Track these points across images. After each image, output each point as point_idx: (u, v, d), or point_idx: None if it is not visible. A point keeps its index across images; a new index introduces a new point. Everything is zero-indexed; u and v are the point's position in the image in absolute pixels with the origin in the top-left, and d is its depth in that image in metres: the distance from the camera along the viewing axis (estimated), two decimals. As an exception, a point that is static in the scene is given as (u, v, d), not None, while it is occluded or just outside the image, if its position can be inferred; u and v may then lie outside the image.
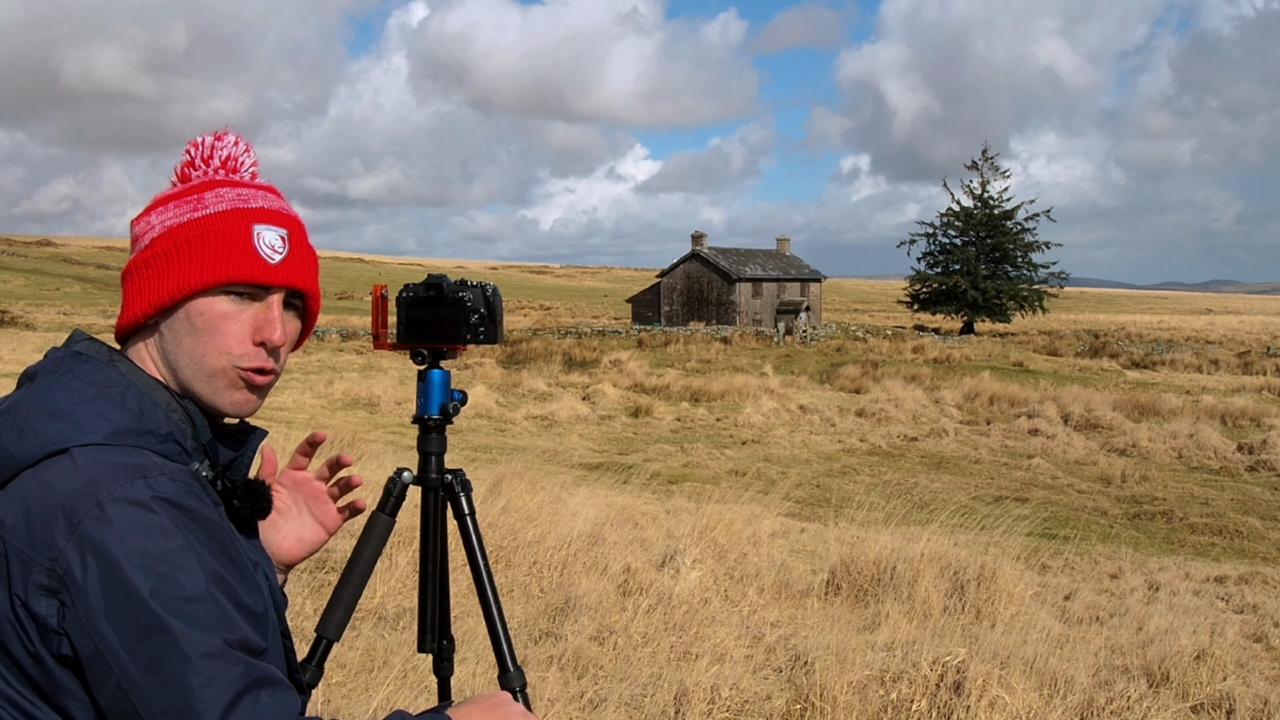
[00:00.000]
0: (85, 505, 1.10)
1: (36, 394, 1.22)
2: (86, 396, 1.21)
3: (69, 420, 1.19)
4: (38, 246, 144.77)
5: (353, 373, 28.72)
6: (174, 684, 1.07)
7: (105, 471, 1.14)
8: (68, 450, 1.16)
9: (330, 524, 1.63)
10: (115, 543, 1.09)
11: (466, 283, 1.79)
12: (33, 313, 52.83)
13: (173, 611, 1.08)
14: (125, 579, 1.08)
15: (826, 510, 13.49)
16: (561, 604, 5.42)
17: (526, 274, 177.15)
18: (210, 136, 1.37)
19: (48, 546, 1.10)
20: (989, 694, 4.25)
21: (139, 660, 1.07)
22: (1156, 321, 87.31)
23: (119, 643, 1.08)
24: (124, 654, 1.07)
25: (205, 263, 1.29)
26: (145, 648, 1.07)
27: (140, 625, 1.08)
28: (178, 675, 1.07)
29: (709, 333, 45.76)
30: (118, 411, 1.21)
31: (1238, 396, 28.37)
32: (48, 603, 1.09)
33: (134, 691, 1.07)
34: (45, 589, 1.09)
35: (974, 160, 65.80)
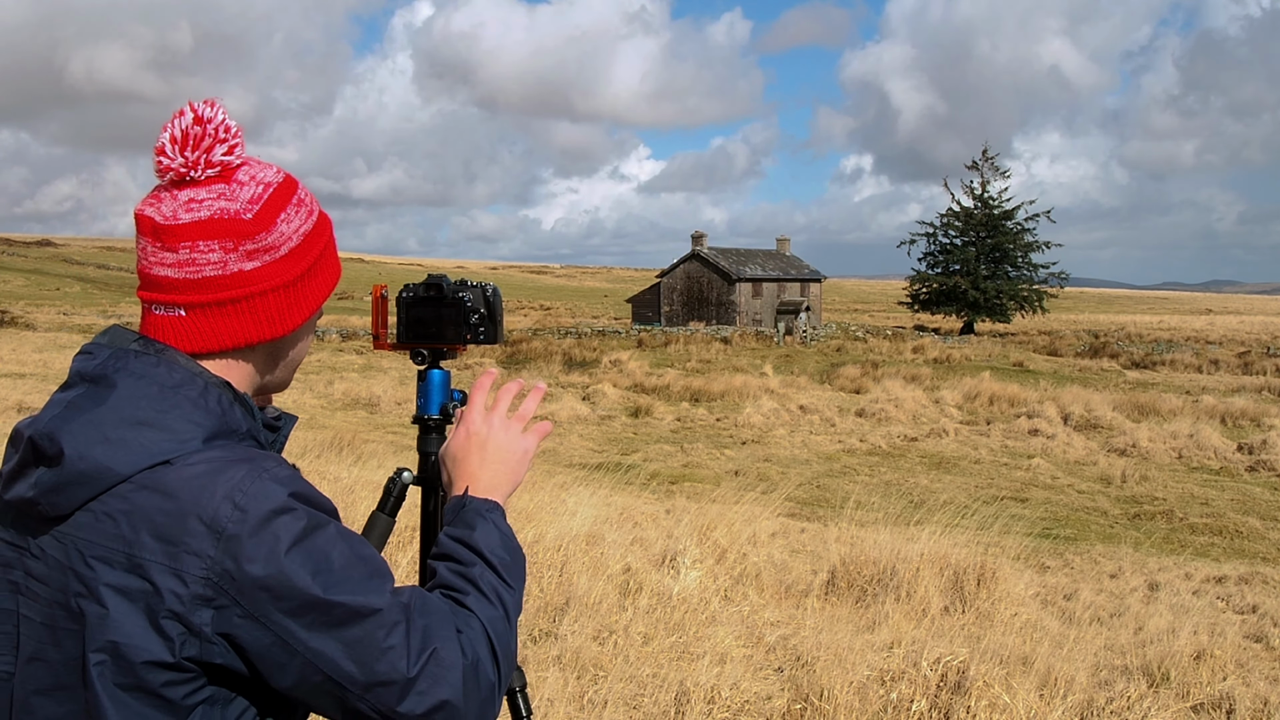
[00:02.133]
0: (224, 510, 1.12)
1: (116, 401, 1.18)
2: (170, 401, 1.19)
3: (162, 429, 1.17)
4: (38, 246, 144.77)
5: (353, 373, 28.73)
6: (359, 645, 1.14)
7: (226, 474, 1.15)
8: (170, 462, 1.15)
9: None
10: (266, 539, 1.12)
11: (467, 283, 1.79)
12: (33, 313, 52.83)
13: (335, 585, 1.14)
14: (284, 570, 1.12)
15: (826, 510, 13.49)
16: (561, 604, 5.42)
17: (527, 274, 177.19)
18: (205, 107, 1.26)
19: (196, 557, 1.11)
20: (989, 694, 4.25)
21: (319, 636, 1.13)
22: (1156, 321, 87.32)
23: (296, 626, 1.13)
24: (303, 634, 1.13)
25: (335, 267, 1.36)
26: (322, 624, 1.13)
27: (312, 606, 1.13)
28: (360, 636, 1.14)
29: (709, 333, 45.76)
30: (203, 415, 1.20)
31: (1238, 397, 28.37)
32: (203, 612, 1.12)
33: (323, 662, 1.14)
34: (201, 599, 1.11)
35: (974, 160, 65.83)
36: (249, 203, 1.24)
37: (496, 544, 1.36)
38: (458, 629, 1.22)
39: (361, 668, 1.14)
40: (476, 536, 1.35)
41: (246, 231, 1.24)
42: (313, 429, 16.01)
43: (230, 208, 1.23)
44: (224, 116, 1.25)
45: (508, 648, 1.28)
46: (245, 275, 1.25)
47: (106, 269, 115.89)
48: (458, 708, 1.18)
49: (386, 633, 1.15)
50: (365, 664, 1.14)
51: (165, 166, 1.23)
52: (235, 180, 1.25)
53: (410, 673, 1.15)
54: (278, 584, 1.12)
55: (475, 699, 1.20)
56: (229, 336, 1.26)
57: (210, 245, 1.23)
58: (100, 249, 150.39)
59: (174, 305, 1.24)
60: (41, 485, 1.16)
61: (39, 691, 1.16)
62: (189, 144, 1.23)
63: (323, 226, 1.35)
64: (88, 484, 1.14)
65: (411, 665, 1.15)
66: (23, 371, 24.54)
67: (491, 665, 1.23)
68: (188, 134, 1.23)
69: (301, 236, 1.30)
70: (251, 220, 1.24)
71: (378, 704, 1.15)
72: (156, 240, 1.23)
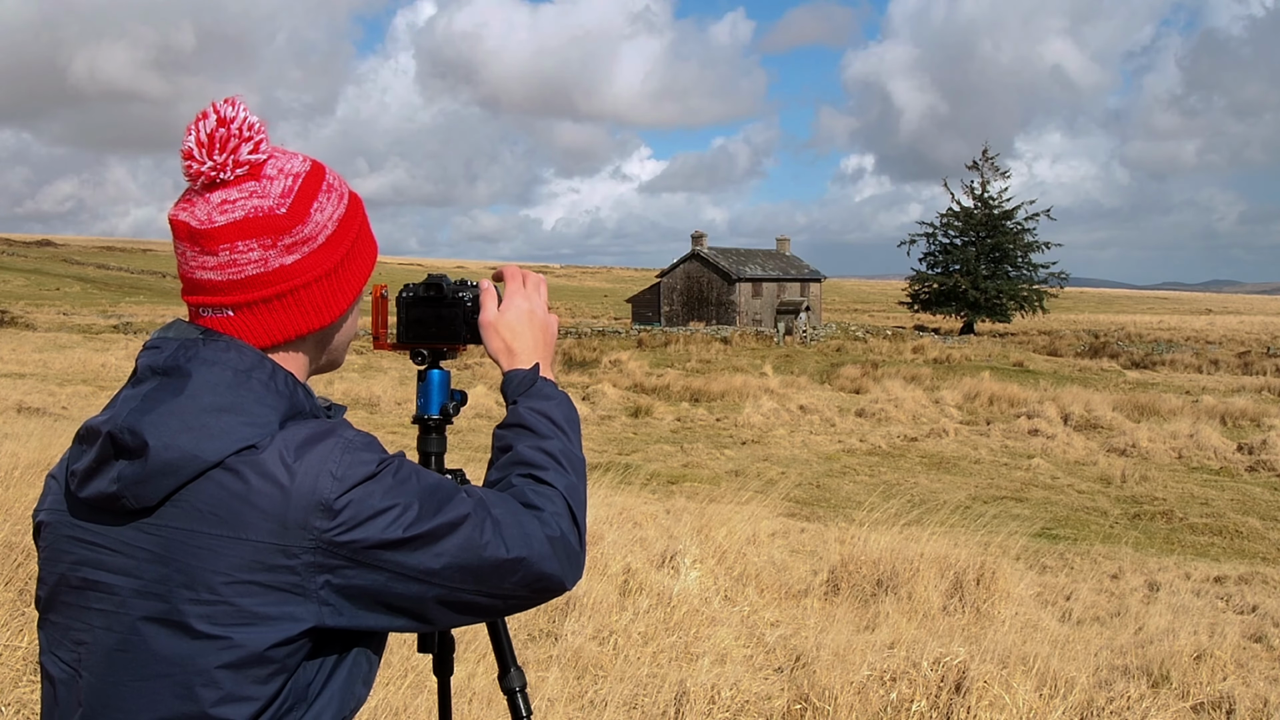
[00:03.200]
0: (325, 483, 1.17)
1: (194, 389, 1.19)
2: (246, 386, 1.22)
3: (243, 414, 1.19)
4: (38, 246, 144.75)
5: (352, 373, 28.73)
6: (462, 548, 1.24)
7: (316, 449, 1.20)
8: (256, 445, 1.18)
9: None
10: (365, 501, 1.19)
11: (467, 283, 1.79)
12: (33, 313, 52.82)
13: (428, 516, 1.22)
14: (391, 527, 1.19)
15: (826, 510, 13.49)
16: (561, 604, 5.42)
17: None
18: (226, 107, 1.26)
19: (305, 530, 1.16)
20: (989, 694, 4.25)
21: (427, 556, 1.22)
22: (1156, 321, 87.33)
23: (405, 557, 1.20)
24: (413, 561, 1.21)
25: (372, 248, 1.40)
26: (426, 546, 1.22)
27: (414, 539, 1.21)
28: (460, 541, 1.23)
29: (709, 333, 45.76)
30: (275, 398, 1.23)
31: (1238, 396, 28.37)
32: (317, 578, 1.17)
33: (435, 577, 1.22)
34: (314, 566, 1.17)
35: (974, 160, 65.83)
36: (281, 197, 1.26)
37: (574, 415, 1.50)
38: (539, 507, 1.33)
39: (469, 568, 1.24)
40: (554, 407, 1.47)
41: (283, 226, 1.25)
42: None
43: (264, 205, 1.24)
44: (246, 114, 1.26)
45: (583, 504, 1.41)
46: (287, 269, 1.26)
47: (107, 269, 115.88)
48: (556, 575, 1.31)
49: (479, 531, 1.25)
50: (472, 564, 1.24)
51: (195, 171, 1.24)
52: (264, 176, 1.26)
53: (511, 555, 1.26)
54: (383, 533, 1.19)
55: (568, 564, 1.33)
56: (279, 331, 1.28)
57: (249, 244, 1.24)
58: (100, 249, 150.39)
59: (221, 307, 1.26)
60: (125, 478, 1.16)
61: (133, 680, 1.17)
62: (215, 146, 1.23)
63: (355, 208, 1.36)
64: (175, 473, 1.16)
65: (511, 548, 1.26)
66: (23, 371, 24.54)
67: (574, 532, 1.36)
68: (214, 136, 1.23)
69: (336, 223, 1.31)
70: (286, 214, 1.25)
71: (490, 590, 1.26)
72: (195, 245, 1.24)
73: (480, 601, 1.27)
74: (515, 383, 1.51)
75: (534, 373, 1.52)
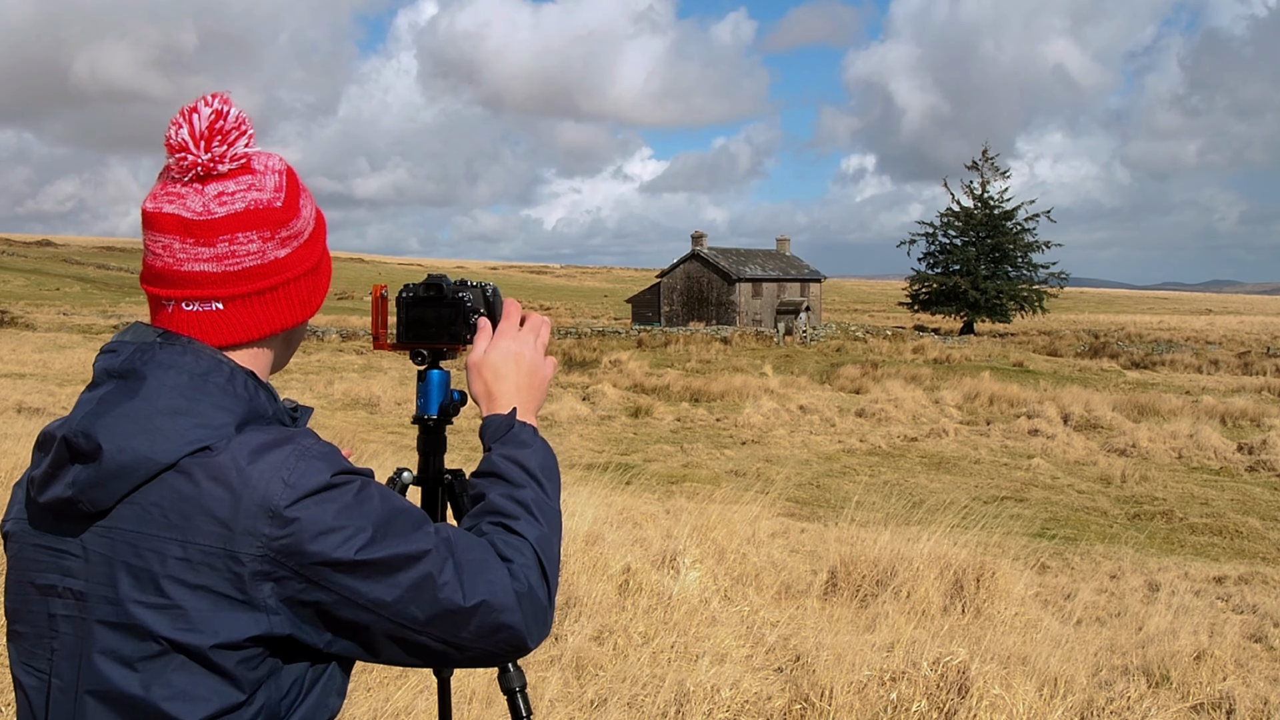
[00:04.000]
0: (275, 488, 1.16)
1: (148, 392, 1.19)
2: (201, 389, 1.20)
3: (196, 416, 1.18)
4: (38, 246, 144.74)
5: (352, 373, 28.72)
6: (417, 586, 1.19)
7: (271, 454, 1.18)
8: (211, 447, 1.17)
9: None
10: (317, 511, 1.16)
11: (466, 283, 1.79)
12: (33, 313, 52.81)
13: (385, 541, 1.18)
14: (337, 538, 1.16)
15: (826, 510, 13.49)
16: (561, 604, 5.43)
17: (526, 274, 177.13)
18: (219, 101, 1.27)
19: (251, 536, 1.14)
20: (989, 694, 4.25)
21: (378, 586, 1.18)
22: (1156, 322, 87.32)
23: (356, 583, 1.17)
24: (363, 588, 1.17)
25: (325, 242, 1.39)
26: (379, 575, 1.18)
27: (367, 564, 1.17)
28: (416, 578, 1.19)
29: (709, 333, 45.75)
30: (233, 400, 1.22)
31: (1238, 397, 28.37)
32: (264, 586, 1.15)
33: (385, 610, 1.18)
34: (260, 574, 1.15)
35: (974, 160, 65.83)
36: (275, 191, 1.27)
37: (551, 463, 1.43)
38: (508, 558, 1.27)
39: (421, 606, 1.19)
40: (529, 455, 1.41)
41: (281, 219, 1.27)
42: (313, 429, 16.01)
43: (262, 198, 1.25)
44: (238, 110, 1.27)
45: (555, 559, 1.33)
46: (281, 262, 1.28)
47: (107, 269, 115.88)
48: (518, 629, 1.25)
49: (440, 570, 1.20)
50: (424, 602, 1.19)
51: (191, 163, 1.23)
52: (254, 170, 1.27)
53: (468, 602, 1.21)
54: (333, 552, 1.16)
55: (532, 620, 1.26)
56: (267, 324, 1.28)
57: (249, 236, 1.24)
58: (100, 249, 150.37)
59: (210, 299, 1.25)
60: (80, 482, 1.16)
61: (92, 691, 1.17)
62: (214, 138, 1.24)
63: (320, 211, 1.39)
64: (128, 476, 1.16)
65: (468, 595, 1.21)
66: (23, 371, 24.54)
67: (543, 586, 1.29)
68: (212, 129, 1.24)
69: (315, 220, 1.33)
70: (282, 208, 1.27)
71: (442, 636, 1.21)
72: (189, 237, 1.23)
73: (432, 646, 1.22)
74: (491, 429, 1.46)
75: (510, 418, 1.46)
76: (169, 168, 1.25)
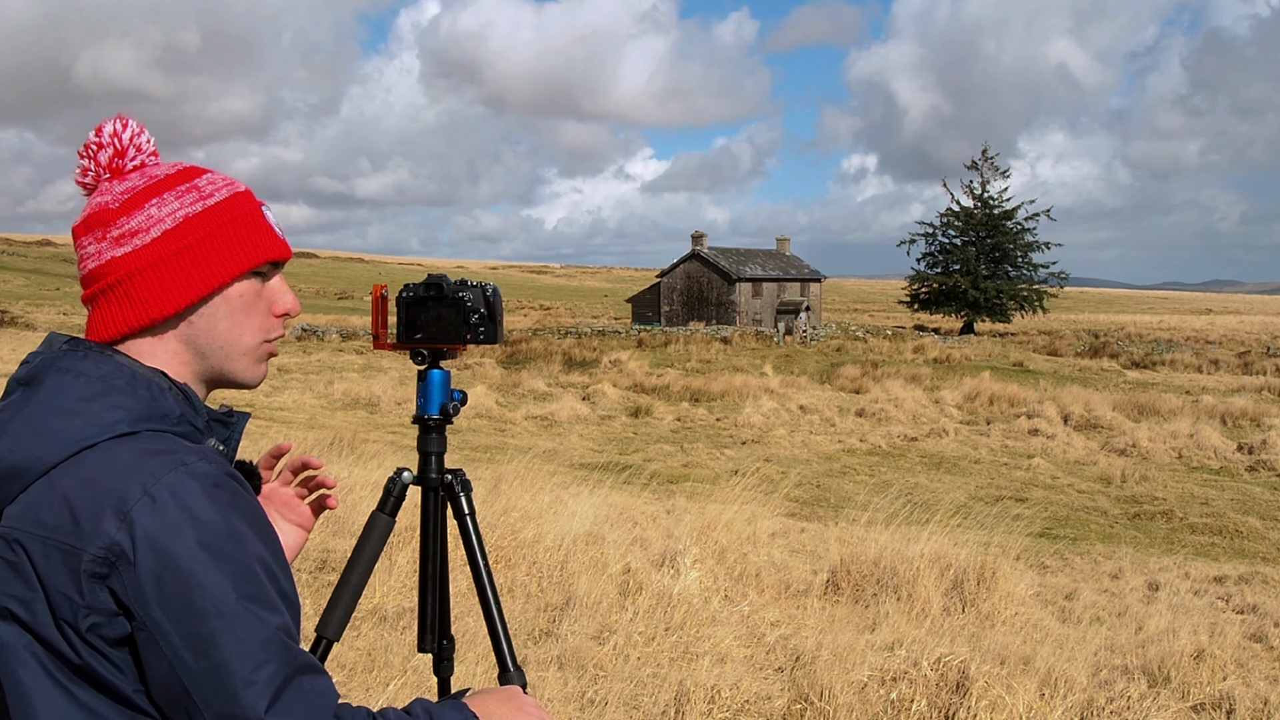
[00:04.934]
0: (133, 494, 1.13)
1: (44, 395, 1.22)
2: (96, 391, 1.22)
3: (88, 417, 1.20)
4: (38, 246, 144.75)
5: (353, 373, 28.71)
6: (224, 668, 1.11)
7: (144, 460, 1.17)
8: (96, 445, 1.18)
9: (305, 523, 1.63)
10: (165, 529, 1.12)
11: (466, 283, 1.79)
12: (33, 313, 52.80)
13: (224, 595, 1.12)
14: (178, 565, 1.12)
15: (826, 510, 13.49)
16: (561, 604, 5.43)
17: (526, 274, 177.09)
18: (114, 123, 1.33)
19: (97, 536, 1.13)
20: (989, 694, 4.25)
21: (191, 643, 1.11)
22: (1156, 321, 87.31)
23: (171, 627, 1.11)
24: (176, 638, 1.11)
25: (243, 247, 1.32)
26: (197, 631, 1.11)
27: (192, 609, 1.11)
28: (229, 658, 1.11)
29: (709, 333, 45.75)
30: (131, 401, 1.22)
31: (1238, 396, 28.36)
32: (102, 589, 1.12)
33: (186, 675, 1.11)
34: (97, 576, 1.12)
35: (974, 160, 65.82)
36: (121, 193, 1.30)
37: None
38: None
39: (218, 693, 1.11)
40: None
41: (110, 219, 1.29)
42: (313, 429, 16.00)
43: (102, 200, 1.31)
44: (115, 127, 1.33)
45: None
46: (116, 261, 1.29)
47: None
48: None
49: (255, 666, 1.11)
50: (222, 690, 1.11)
51: (80, 183, 1.34)
52: (123, 178, 1.32)
53: (264, 715, 1.10)
54: (164, 575, 1.11)
55: None
56: (115, 323, 1.29)
57: (89, 239, 1.31)
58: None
59: (85, 303, 1.33)
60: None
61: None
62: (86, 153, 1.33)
63: (222, 210, 1.33)
64: (21, 476, 1.18)
65: (269, 708, 1.11)
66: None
67: None
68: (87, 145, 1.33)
69: (178, 219, 1.30)
70: (117, 208, 1.29)
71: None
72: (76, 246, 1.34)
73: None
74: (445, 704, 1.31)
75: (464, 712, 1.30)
76: None
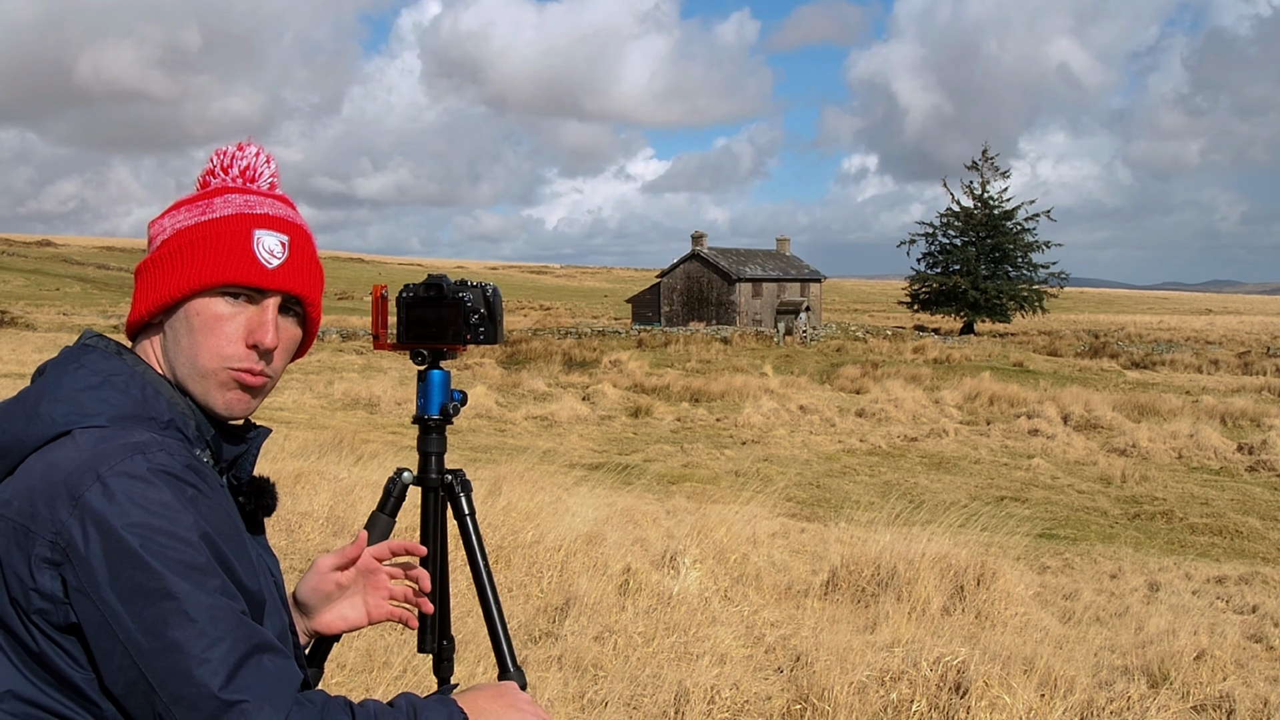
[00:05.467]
0: (86, 479, 1.15)
1: (45, 383, 1.28)
2: (92, 384, 1.26)
3: (73, 405, 1.24)
4: (38, 246, 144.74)
5: (353, 373, 28.72)
6: (179, 647, 1.11)
7: (106, 448, 1.18)
8: (70, 432, 1.21)
9: (375, 615, 1.62)
10: (115, 514, 1.13)
11: (467, 283, 1.79)
12: (33, 313, 52.82)
13: (175, 576, 1.12)
14: (127, 547, 1.12)
15: (826, 510, 13.49)
16: (561, 604, 5.42)
17: (526, 274, 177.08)
18: (233, 146, 1.42)
19: (50, 521, 1.14)
20: (989, 694, 4.25)
21: (143, 625, 1.12)
22: (1156, 321, 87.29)
23: (123, 610, 1.12)
24: (129, 620, 1.12)
25: (206, 263, 1.32)
26: (149, 613, 1.12)
27: (143, 591, 1.12)
28: (182, 638, 1.11)
29: (709, 333, 45.75)
30: (121, 397, 1.26)
31: (1238, 397, 28.36)
32: (51, 575, 1.14)
33: (140, 657, 1.12)
34: (48, 561, 1.14)
35: (974, 160, 65.80)
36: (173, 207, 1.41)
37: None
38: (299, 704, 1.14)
39: (172, 674, 1.10)
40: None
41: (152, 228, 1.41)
42: (313, 429, 16.01)
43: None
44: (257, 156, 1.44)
45: None
46: (139, 264, 1.40)
47: (107, 269, 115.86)
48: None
49: (209, 644, 1.11)
50: (176, 670, 1.10)
51: None
52: None
53: (221, 694, 1.10)
54: (113, 558, 1.12)
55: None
56: (128, 316, 1.39)
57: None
58: (100, 249, 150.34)
59: None
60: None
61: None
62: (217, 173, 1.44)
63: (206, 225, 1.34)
64: (6, 456, 1.22)
65: (224, 685, 1.10)
66: (23, 372, 24.53)
67: None
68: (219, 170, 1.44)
69: (177, 229, 1.36)
70: (159, 216, 1.40)
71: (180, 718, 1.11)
72: None
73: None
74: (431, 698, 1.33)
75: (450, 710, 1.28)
76: None
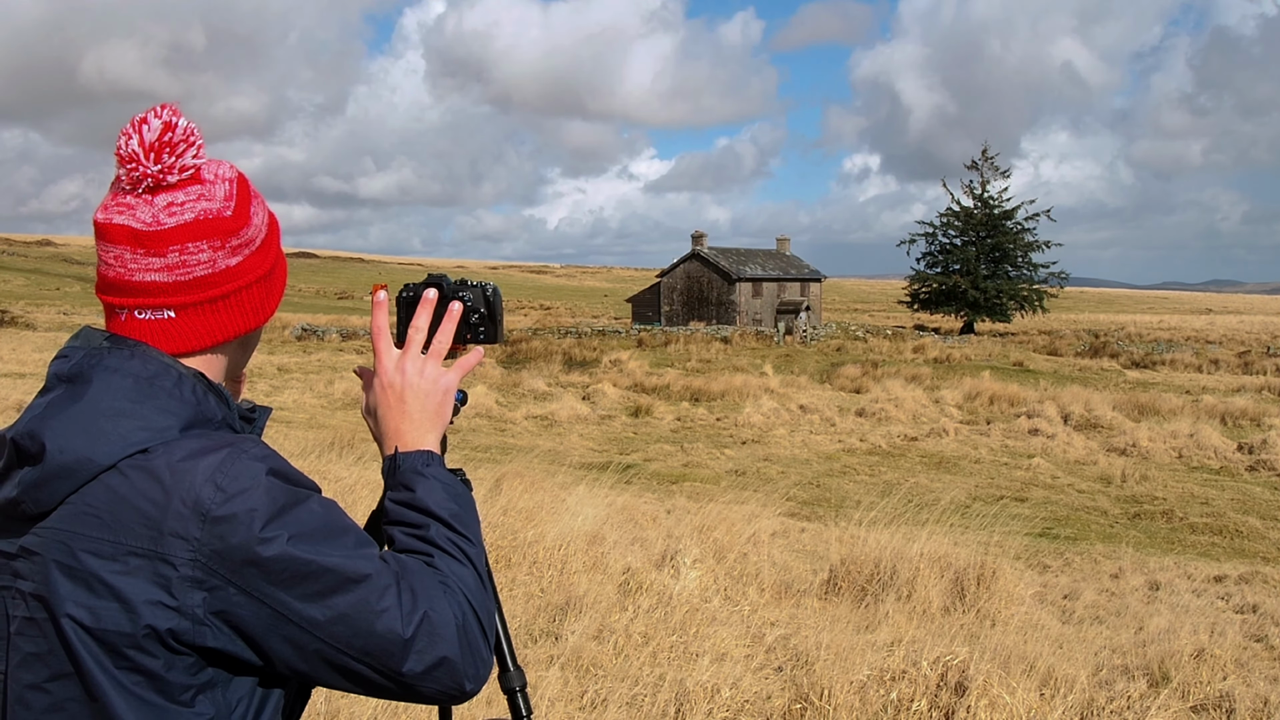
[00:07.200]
0: (206, 492, 1.15)
1: (93, 395, 1.21)
2: (145, 392, 1.22)
3: (138, 419, 1.20)
4: (38, 246, 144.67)
5: (353, 373, 28.72)
6: (354, 610, 1.17)
7: (207, 458, 1.18)
8: (148, 450, 1.18)
9: None
10: (250, 516, 1.15)
11: (467, 282, 1.79)
12: (33, 313, 52.83)
13: (322, 555, 1.17)
14: (271, 544, 1.15)
15: (826, 510, 13.49)
16: (561, 603, 5.42)
17: (527, 274, 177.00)
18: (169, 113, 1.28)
19: (183, 540, 1.14)
20: (989, 694, 4.25)
21: (313, 606, 1.16)
22: (1156, 321, 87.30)
23: (289, 598, 1.15)
24: (298, 605, 1.16)
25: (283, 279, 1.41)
26: (315, 593, 1.16)
27: (302, 577, 1.16)
28: (352, 603, 1.17)
29: (709, 332, 45.75)
30: (178, 404, 1.23)
31: (1238, 396, 28.37)
32: (194, 594, 1.14)
33: (320, 631, 1.17)
34: (191, 580, 1.14)
35: (974, 160, 65.78)
36: (225, 200, 1.28)
37: (443, 498, 1.36)
38: (443, 585, 1.24)
39: (358, 633, 1.17)
40: (420, 496, 1.35)
41: (231, 228, 1.28)
42: (313, 429, 16.01)
43: (211, 207, 1.27)
44: (187, 121, 1.28)
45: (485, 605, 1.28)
46: (232, 270, 1.29)
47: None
48: (456, 663, 1.21)
49: (379, 596, 1.18)
50: (362, 628, 1.17)
51: (142, 174, 1.25)
52: (204, 180, 1.29)
53: (406, 633, 1.18)
54: (266, 558, 1.15)
55: (469, 655, 1.22)
56: (220, 331, 1.30)
57: (199, 245, 1.26)
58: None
59: (162, 308, 1.27)
60: (25, 483, 1.18)
61: (33, 686, 1.17)
62: (164, 150, 1.25)
63: (273, 216, 1.40)
64: (70, 477, 1.17)
65: (407, 626, 1.18)
66: (23, 371, 24.54)
67: (475, 622, 1.25)
68: (161, 140, 1.25)
69: (267, 227, 1.35)
70: (232, 217, 1.29)
71: (379, 666, 1.18)
72: (139, 247, 1.25)
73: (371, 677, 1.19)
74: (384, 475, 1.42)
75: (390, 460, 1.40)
76: (119, 178, 1.27)
